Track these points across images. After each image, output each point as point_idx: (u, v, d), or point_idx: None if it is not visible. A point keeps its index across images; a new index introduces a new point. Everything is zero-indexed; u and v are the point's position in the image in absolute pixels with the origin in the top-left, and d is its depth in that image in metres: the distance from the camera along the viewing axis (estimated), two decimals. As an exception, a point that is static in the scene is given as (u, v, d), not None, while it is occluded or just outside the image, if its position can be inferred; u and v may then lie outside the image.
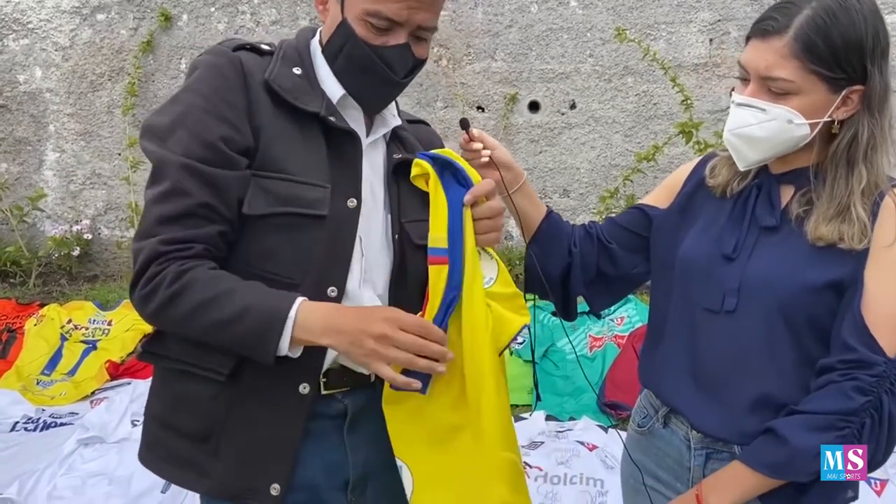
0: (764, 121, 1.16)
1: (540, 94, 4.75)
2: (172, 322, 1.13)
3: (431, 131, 1.49)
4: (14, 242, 4.78)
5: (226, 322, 1.08)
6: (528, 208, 1.41)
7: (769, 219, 1.22)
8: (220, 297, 1.09)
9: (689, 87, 4.39)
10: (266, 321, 1.08)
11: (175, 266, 1.10)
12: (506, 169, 1.36)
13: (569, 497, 2.60)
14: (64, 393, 3.36)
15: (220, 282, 1.11)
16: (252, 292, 1.10)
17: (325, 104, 1.21)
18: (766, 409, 1.20)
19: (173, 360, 1.20)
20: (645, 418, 1.39)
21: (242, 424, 1.18)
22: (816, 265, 1.15)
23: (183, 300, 1.09)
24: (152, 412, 1.27)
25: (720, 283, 1.22)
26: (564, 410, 3.23)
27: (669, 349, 1.31)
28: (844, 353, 1.13)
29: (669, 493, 1.34)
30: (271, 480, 1.18)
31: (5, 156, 4.96)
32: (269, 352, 1.08)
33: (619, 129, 4.74)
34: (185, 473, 1.23)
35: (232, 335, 1.09)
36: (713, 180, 1.31)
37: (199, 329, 1.11)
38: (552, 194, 4.83)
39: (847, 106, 1.15)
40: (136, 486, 2.60)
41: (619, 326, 3.81)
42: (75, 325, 3.86)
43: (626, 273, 1.41)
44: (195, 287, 1.09)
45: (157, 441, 1.25)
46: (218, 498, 1.23)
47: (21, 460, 2.79)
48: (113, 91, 4.88)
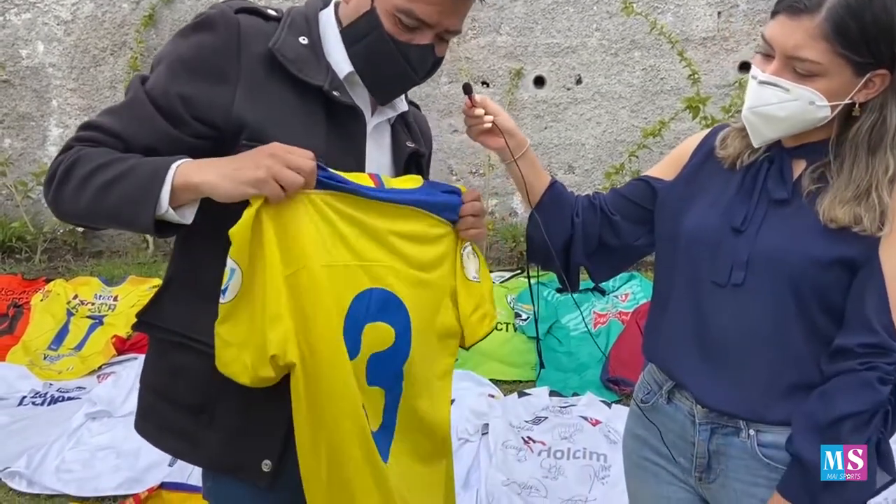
0: (786, 101, 1.14)
1: (545, 69, 4.71)
2: (69, 196, 1.11)
3: (424, 118, 1.49)
4: (19, 218, 4.79)
5: (111, 181, 1.07)
6: (531, 177, 1.40)
7: (780, 192, 1.21)
8: (112, 161, 1.09)
9: (697, 62, 4.35)
10: (150, 173, 1.07)
11: (77, 148, 1.13)
12: (509, 136, 1.35)
13: (572, 471, 2.62)
14: (71, 368, 3.39)
15: (114, 153, 1.11)
16: (141, 158, 1.11)
17: (330, 78, 1.19)
18: (772, 383, 1.20)
19: (167, 330, 1.22)
20: (649, 394, 1.39)
21: (236, 399, 1.18)
22: (827, 240, 1.15)
23: (78, 168, 1.10)
24: (148, 382, 1.29)
25: (728, 256, 1.21)
26: (568, 386, 3.24)
27: (674, 323, 1.30)
28: (866, 334, 1.12)
29: (672, 468, 1.35)
30: (263, 456, 1.20)
31: (9, 131, 4.95)
32: (150, 203, 1.05)
33: (625, 104, 4.70)
34: (179, 444, 1.25)
35: (117, 194, 1.07)
36: (723, 151, 1.30)
37: (90, 196, 1.09)
38: (557, 170, 4.80)
39: (869, 89, 1.13)
40: (143, 459, 2.63)
41: (624, 303, 3.81)
42: (81, 300, 3.88)
43: (628, 244, 1.41)
44: (91, 156, 1.10)
45: (153, 410, 1.27)
46: (211, 470, 1.26)
47: (29, 434, 2.81)
48: (115, 66, 4.85)
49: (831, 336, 1.17)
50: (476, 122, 1.34)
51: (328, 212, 1.15)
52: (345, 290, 1.17)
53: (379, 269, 1.21)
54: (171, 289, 1.25)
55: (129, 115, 1.14)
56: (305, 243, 1.12)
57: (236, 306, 1.10)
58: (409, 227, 1.24)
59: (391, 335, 1.23)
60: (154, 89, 1.13)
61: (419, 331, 1.26)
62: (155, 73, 1.15)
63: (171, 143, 1.13)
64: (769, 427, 1.22)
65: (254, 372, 1.10)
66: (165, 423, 1.25)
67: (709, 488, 1.30)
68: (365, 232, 1.19)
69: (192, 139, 1.14)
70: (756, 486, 1.23)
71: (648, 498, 1.40)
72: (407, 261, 1.24)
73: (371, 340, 1.20)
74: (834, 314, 1.17)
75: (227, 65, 1.13)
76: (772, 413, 1.21)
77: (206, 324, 1.13)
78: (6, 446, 2.74)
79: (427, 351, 1.29)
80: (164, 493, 2.44)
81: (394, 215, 1.22)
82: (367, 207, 1.19)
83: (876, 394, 1.11)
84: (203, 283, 1.18)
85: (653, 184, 1.39)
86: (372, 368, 1.22)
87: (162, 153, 1.12)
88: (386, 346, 1.23)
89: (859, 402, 1.11)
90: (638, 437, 1.41)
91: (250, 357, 1.10)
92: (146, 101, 1.13)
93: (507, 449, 2.72)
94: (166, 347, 1.23)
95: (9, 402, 3.08)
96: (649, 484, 1.39)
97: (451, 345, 1.35)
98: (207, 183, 1.06)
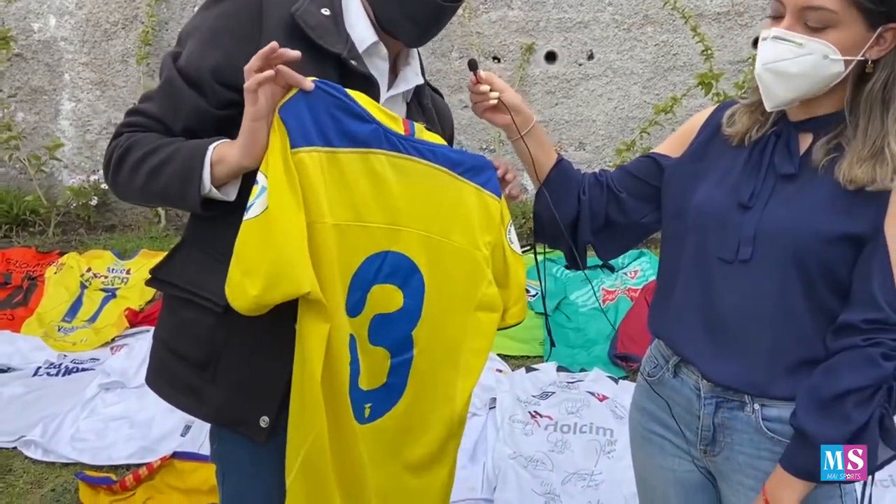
0: (799, 55, 1.13)
1: (557, 45, 4.67)
2: (124, 180, 1.21)
3: (447, 106, 1.50)
4: (33, 192, 4.82)
5: (158, 167, 1.16)
6: (538, 153, 1.40)
7: (787, 166, 1.21)
8: (160, 146, 1.18)
9: (710, 37, 4.30)
10: (189, 157, 1.15)
11: (127, 135, 1.21)
12: (515, 112, 1.35)
13: (578, 445, 2.64)
14: (85, 339, 3.43)
15: (161, 138, 1.19)
16: (183, 141, 1.18)
17: (349, 47, 1.20)
18: (777, 358, 1.21)
19: (176, 286, 1.27)
20: (655, 367, 1.40)
21: (239, 355, 1.23)
22: (834, 215, 1.15)
23: (130, 154, 1.19)
24: (160, 337, 1.34)
25: (736, 232, 1.21)
26: (576, 362, 3.26)
27: (681, 299, 1.31)
28: (871, 310, 1.13)
29: (678, 441, 1.36)
30: (262, 412, 1.24)
31: (22, 105, 4.96)
32: (195, 185, 1.14)
33: (637, 80, 4.66)
34: (185, 398, 1.30)
35: (165, 177, 1.16)
36: (731, 128, 1.29)
37: (141, 181, 1.18)
38: (567, 147, 4.78)
39: (881, 45, 1.13)
40: (156, 429, 2.68)
41: (633, 280, 3.82)
42: (94, 273, 3.92)
43: (635, 222, 1.41)
44: (141, 142, 1.19)
45: (163, 364, 1.33)
46: (213, 423, 1.32)
47: (44, 404, 2.86)
48: (127, 40, 4.84)
49: (836, 312, 1.17)
50: (482, 99, 1.34)
51: (353, 171, 1.17)
52: (356, 250, 1.19)
53: (399, 233, 1.23)
54: (183, 248, 1.30)
55: (165, 97, 1.20)
56: (321, 200, 1.14)
57: (253, 227, 1.11)
58: (438, 191, 1.25)
59: (399, 298, 1.25)
60: (186, 66, 1.17)
61: (439, 299, 1.28)
62: (186, 50, 1.19)
63: (205, 120, 1.18)
64: (774, 402, 1.23)
65: (254, 302, 1.10)
66: (173, 377, 1.30)
67: (713, 461, 1.32)
68: (390, 194, 1.20)
69: (220, 111, 1.18)
70: (760, 458, 1.25)
71: (654, 470, 1.42)
72: (431, 226, 1.25)
73: (377, 301, 1.23)
74: (839, 290, 1.17)
75: (250, 27, 1.16)
76: (777, 388, 1.21)
77: (213, 283, 1.18)
78: (22, 416, 2.79)
79: (453, 321, 1.31)
80: (177, 462, 2.48)
81: (423, 175, 1.23)
82: (396, 168, 1.20)
83: (880, 369, 1.11)
84: (214, 245, 1.23)
85: (659, 161, 1.39)
86: (374, 329, 1.24)
87: (199, 131, 1.18)
88: (392, 308, 1.25)
89: (863, 377, 1.12)
90: (644, 409, 1.42)
91: (253, 285, 1.10)
92: (178, 79, 1.17)
93: (514, 423, 2.75)
94: (176, 304, 1.29)
95: (24, 373, 3.13)
96: (654, 456, 1.40)
97: (489, 320, 1.34)
98: (233, 156, 1.13)
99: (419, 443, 1.34)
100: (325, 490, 1.22)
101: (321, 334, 1.15)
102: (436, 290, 1.28)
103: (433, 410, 1.34)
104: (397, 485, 1.33)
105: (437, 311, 1.29)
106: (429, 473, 1.37)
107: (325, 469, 1.21)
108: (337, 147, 1.16)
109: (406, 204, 1.22)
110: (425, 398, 1.32)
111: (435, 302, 1.28)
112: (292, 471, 1.20)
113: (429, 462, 1.36)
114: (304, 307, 1.15)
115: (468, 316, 1.32)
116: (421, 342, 1.29)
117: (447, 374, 1.33)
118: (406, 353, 1.29)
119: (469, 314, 1.32)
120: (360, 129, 1.17)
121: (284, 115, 1.12)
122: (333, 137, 1.15)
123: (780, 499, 1.18)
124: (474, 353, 1.34)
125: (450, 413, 1.35)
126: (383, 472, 1.30)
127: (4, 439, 2.67)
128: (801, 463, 1.17)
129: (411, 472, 1.34)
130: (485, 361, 1.37)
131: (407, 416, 1.31)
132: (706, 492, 1.37)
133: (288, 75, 1.11)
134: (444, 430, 1.35)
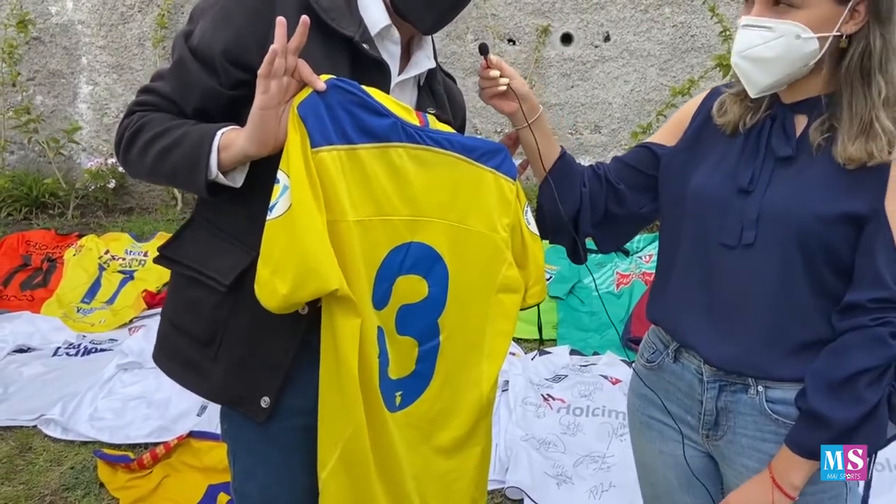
0: (771, 39, 1.13)
1: (573, 26, 4.63)
2: (134, 160, 1.22)
3: (460, 92, 1.49)
4: (52, 175, 4.88)
5: (167, 149, 1.17)
6: (543, 144, 1.39)
7: (785, 149, 1.20)
8: (169, 129, 1.18)
9: (729, 18, 4.24)
10: (198, 142, 1.15)
11: (139, 114, 1.22)
12: (523, 100, 1.35)
13: (590, 428, 2.65)
14: (103, 320, 3.48)
15: (172, 119, 1.20)
16: (193, 124, 1.18)
17: (361, 31, 1.20)
18: (780, 340, 1.21)
19: (182, 264, 1.28)
20: (654, 353, 1.40)
21: (241, 334, 1.24)
22: (834, 195, 1.14)
23: (141, 135, 1.20)
24: (166, 314, 1.36)
25: (737, 217, 1.21)
26: (589, 345, 3.26)
27: (682, 286, 1.31)
28: (877, 289, 1.12)
29: (679, 426, 1.37)
30: (262, 392, 1.25)
31: (40, 88, 5.01)
32: (202, 170, 1.14)
33: (654, 62, 4.62)
34: (188, 375, 1.31)
35: (174, 161, 1.17)
36: (722, 118, 1.29)
37: (151, 162, 1.19)
38: (583, 130, 4.76)
39: (855, 19, 1.12)
40: (173, 409, 2.72)
41: (647, 264, 3.80)
42: (112, 255, 3.97)
43: (633, 213, 1.41)
44: (152, 123, 1.20)
45: (168, 341, 1.34)
46: (214, 401, 1.34)
47: (63, 383, 2.91)
48: (143, 23, 4.87)
49: (839, 293, 1.17)
50: (491, 84, 1.34)
51: (373, 166, 1.17)
52: (379, 244, 1.20)
53: (420, 224, 1.23)
54: (191, 227, 1.31)
55: (177, 76, 1.20)
56: (342, 198, 1.14)
57: (278, 226, 1.10)
58: (456, 179, 1.26)
59: (424, 288, 1.26)
60: (198, 45, 1.17)
61: (463, 284, 1.29)
62: (198, 28, 1.18)
63: (215, 100, 1.18)
64: (777, 384, 1.23)
65: (284, 301, 1.10)
66: (178, 354, 1.32)
67: (716, 445, 1.32)
68: (410, 185, 1.21)
69: (231, 91, 1.17)
70: (763, 441, 1.25)
71: (654, 455, 1.42)
72: (451, 213, 1.26)
73: (402, 292, 1.24)
74: (841, 270, 1.16)
75: (263, 6, 1.16)
76: (780, 370, 1.21)
77: (218, 262, 1.20)
78: (41, 395, 2.84)
79: (477, 305, 1.32)
80: (193, 441, 2.52)
81: (442, 164, 1.24)
82: (415, 160, 1.21)
83: (889, 348, 1.11)
84: (221, 225, 1.25)
85: (654, 150, 1.39)
86: (401, 319, 1.25)
87: (210, 112, 1.19)
88: (417, 298, 1.26)
89: (873, 357, 1.11)
90: (643, 396, 1.42)
91: (283, 284, 1.09)
92: (190, 58, 1.17)
93: (527, 405, 2.76)
94: (182, 282, 1.30)
95: (44, 353, 3.18)
96: (654, 442, 1.41)
97: (511, 302, 1.35)
98: (240, 143, 1.13)
99: (449, 426, 1.35)
100: (366, 481, 1.24)
101: (353, 329, 1.16)
102: (459, 277, 1.29)
103: (461, 394, 1.35)
104: (431, 467, 1.34)
105: (461, 296, 1.30)
106: (461, 454, 1.38)
107: (367, 461, 1.22)
108: (356, 143, 1.15)
109: (426, 194, 1.23)
110: (453, 382, 1.33)
111: (459, 288, 1.29)
112: (327, 465, 1.20)
113: (460, 444, 1.37)
114: (333, 304, 1.15)
115: (491, 298, 1.33)
116: (447, 328, 1.30)
117: (473, 358, 1.34)
118: (433, 340, 1.30)
119: (492, 297, 1.33)
120: (378, 124, 1.17)
121: (303, 114, 1.11)
122: (352, 134, 1.15)
123: (788, 478, 1.19)
124: (498, 334, 1.35)
125: (478, 395, 1.36)
126: (416, 456, 1.31)
127: (25, 418, 2.72)
128: (808, 443, 1.17)
129: (443, 454, 1.36)
130: (509, 343, 1.38)
131: (437, 401, 1.32)
132: (708, 475, 1.37)
133: (305, 73, 1.11)
134: (472, 413, 1.37)
